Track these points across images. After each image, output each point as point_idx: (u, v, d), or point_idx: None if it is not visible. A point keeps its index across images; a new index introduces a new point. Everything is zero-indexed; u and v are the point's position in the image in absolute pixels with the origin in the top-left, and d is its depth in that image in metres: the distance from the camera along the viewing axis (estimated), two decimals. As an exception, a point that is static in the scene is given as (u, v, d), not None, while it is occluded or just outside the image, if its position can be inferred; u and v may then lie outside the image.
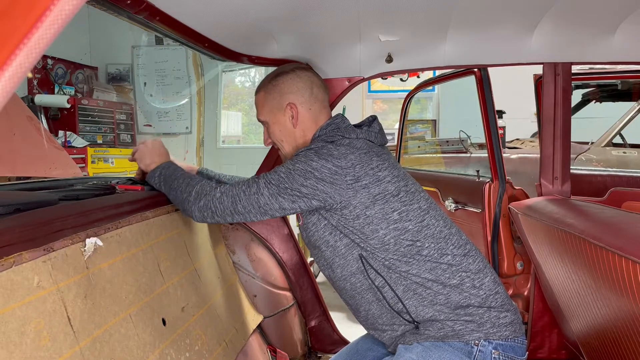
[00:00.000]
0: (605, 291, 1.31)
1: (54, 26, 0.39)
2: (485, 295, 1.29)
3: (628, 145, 4.06)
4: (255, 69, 6.47)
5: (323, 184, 1.27)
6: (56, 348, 0.89)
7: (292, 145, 1.48)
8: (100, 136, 5.30)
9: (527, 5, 1.54)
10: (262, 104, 1.49)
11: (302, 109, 1.44)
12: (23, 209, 1.01)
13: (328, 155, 1.28)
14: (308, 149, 1.32)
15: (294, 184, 1.28)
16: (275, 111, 1.46)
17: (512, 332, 1.28)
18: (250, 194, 1.31)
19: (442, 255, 1.30)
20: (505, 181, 2.21)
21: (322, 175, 1.27)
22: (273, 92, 1.47)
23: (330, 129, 1.41)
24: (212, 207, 1.35)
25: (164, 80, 6.02)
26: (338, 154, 1.29)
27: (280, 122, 1.46)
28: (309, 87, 1.46)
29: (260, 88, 1.51)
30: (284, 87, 1.45)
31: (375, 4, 1.41)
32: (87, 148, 4.94)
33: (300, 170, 1.28)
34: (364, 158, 1.31)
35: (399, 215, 1.30)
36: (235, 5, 1.35)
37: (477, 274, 1.31)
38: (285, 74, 1.47)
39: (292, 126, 1.45)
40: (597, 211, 1.52)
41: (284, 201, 1.29)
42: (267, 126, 1.50)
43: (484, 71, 2.21)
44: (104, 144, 5.32)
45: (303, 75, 1.47)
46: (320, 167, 1.27)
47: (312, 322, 2.18)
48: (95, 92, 5.76)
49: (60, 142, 4.71)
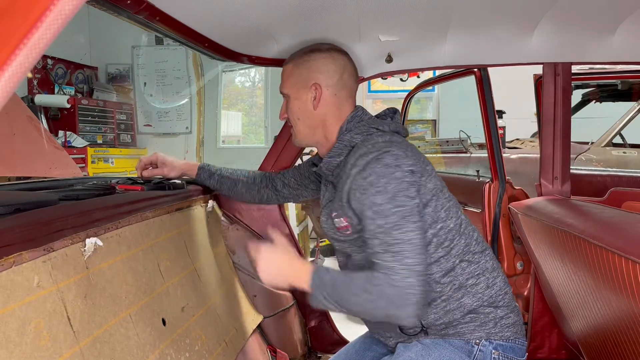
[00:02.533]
0: (605, 291, 1.31)
1: (54, 26, 0.39)
2: (495, 294, 1.27)
3: (628, 145, 4.06)
4: (255, 69, 6.47)
5: (413, 192, 1.19)
6: (56, 348, 0.89)
7: (307, 126, 1.40)
8: (100, 136, 5.31)
9: (527, 6, 1.54)
10: (288, 76, 1.41)
11: (326, 93, 1.36)
12: (23, 209, 1.01)
13: (395, 166, 1.19)
14: (370, 167, 1.19)
15: (407, 203, 1.17)
16: (299, 87, 1.38)
17: (514, 333, 1.27)
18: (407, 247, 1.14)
19: (466, 252, 1.27)
20: (505, 181, 2.22)
21: (411, 179, 1.19)
22: (302, 67, 1.38)
23: (355, 122, 1.35)
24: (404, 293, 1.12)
25: (164, 80, 6.03)
26: (402, 154, 1.21)
27: (302, 99, 1.38)
28: (340, 71, 1.38)
29: (290, 59, 1.42)
30: (314, 65, 1.37)
31: (375, 4, 1.41)
32: (87, 148, 4.94)
33: (395, 190, 1.17)
34: (414, 151, 1.27)
35: (445, 213, 1.26)
36: (235, 5, 1.35)
37: (492, 272, 1.29)
38: (320, 52, 1.39)
39: (312, 107, 1.37)
40: (597, 211, 1.52)
41: (418, 220, 1.17)
42: (287, 100, 1.42)
43: (484, 71, 2.21)
44: (104, 144, 5.33)
45: (338, 57, 1.39)
46: (400, 183, 1.18)
47: (312, 322, 2.18)
48: (95, 92, 5.76)
49: (60, 142, 4.71)
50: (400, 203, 1.16)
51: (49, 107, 4.96)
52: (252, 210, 2.06)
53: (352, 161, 1.25)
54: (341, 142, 1.33)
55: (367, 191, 1.19)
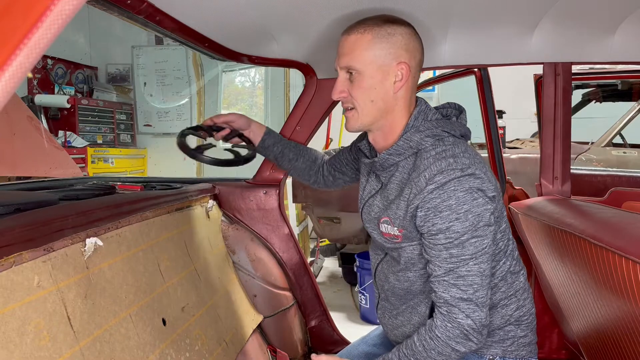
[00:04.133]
0: (605, 291, 1.31)
1: (54, 26, 0.39)
2: (522, 315, 1.25)
3: (628, 145, 4.07)
4: (255, 69, 6.47)
5: (495, 211, 1.13)
6: (56, 348, 0.89)
7: (379, 109, 1.19)
8: (100, 136, 5.31)
9: (527, 5, 1.54)
10: (364, 49, 1.16)
11: (410, 75, 1.18)
12: (23, 209, 1.01)
13: (479, 184, 1.10)
14: (451, 188, 1.09)
15: (486, 234, 1.10)
16: (380, 64, 1.16)
17: (528, 352, 1.25)
18: (477, 281, 1.09)
19: (506, 273, 1.22)
20: (505, 181, 2.22)
21: (491, 206, 1.12)
22: (387, 40, 1.15)
23: (421, 119, 1.20)
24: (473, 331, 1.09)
25: (164, 80, 6.03)
26: (484, 177, 1.12)
27: (382, 79, 1.17)
28: (421, 52, 1.21)
29: (364, 28, 1.17)
30: (401, 41, 1.16)
31: (375, 3, 1.41)
32: (87, 148, 4.95)
33: (476, 220, 1.09)
34: (487, 167, 1.16)
35: (500, 235, 1.18)
36: (236, 5, 1.35)
37: (523, 293, 1.26)
38: (403, 26, 1.18)
39: (392, 90, 1.17)
40: (597, 211, 1.52)
41: (492, 250, 1.13)
42: (356, 76, 1.18)
43: (484, 71, 2.21)
44: (104, 144, 5.33)
45: (418, 37, 1.20)
46: (484, 202, 1.10)
47: (312, 322, 2.18)
48: (95, 92, 5.76)
49: (60, 142, 4.72)
50: (481, 234, 1.09)
51: (49, 107, 4.96)
52: (252, 210, 2.06)
53: (428, 175, 1.11)
54: (407, 141, 1.18)
55: (444, 215, 1.08)
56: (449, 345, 1.10)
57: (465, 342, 1.10)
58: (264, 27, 1.58)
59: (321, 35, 1.62)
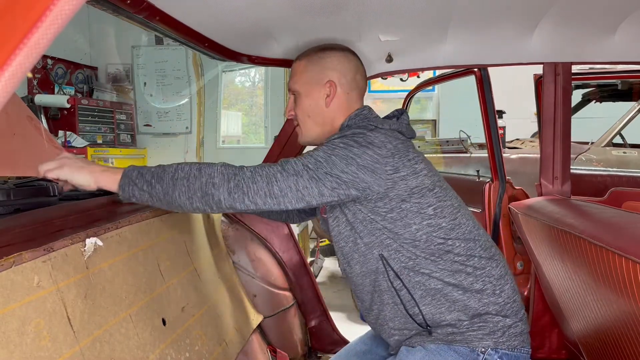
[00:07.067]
0: (605, 291, 1.31)
1: (54, 26, 0.39)
2: (504, 302, 1.25)
3: (628, 145, 4.06)
4: (255, 69, 6.47)
5: (364, 171, 1.18)
6: (56, 348, 0.89)
7: (317, 123, 1.40)
8: (100, 136, 5.31)
9: (527, 6, 1.54)
10: (301, 73, 1.40)
11: (340, 91, 1.37)
12: (23, 209, 1.01)
13: (368, 143, 1.20)
14: (343, 135, 1.23)
15: (334, 170, 1.17)
16: (313, 84, 1.38)
17: (520, 343, 1.25)
18: (287, 176, 1.16)
19: (469, 257, 1.25)
20: (505, 181, 2.22)
21: (364, 163, 1.18)
22: (317, 64, 1.39)
23: (359, 118, 1.35)
24: (244, 187, 1.15)
25: (164, 80, 6.03)
26: (378, 142, 1.21)
27: (314, 97, 1.38)
28: (354, 71, 1.40)
29: (303, 56, 1.42)
30: (329, 63, 1.38)
31: (375, 3, 1.41)
32: (87, 148, 4.95)
33: (340, 155, 1.18)
34: (402, 148, 1.24)
35: (433, 211, 1.24)
36: (235, 5, 1.35)
37: (499, 279, 1.27)
38: (335, 51, 1.41)
39: (324, 105, 1.37)
40: (597, 211, 1.52)
41: (324, 187, 1.17)
42: (297, 97, 1.41)
43: (484, 71, 2.21)
44: (104, 144, 5.33)
45: (352, 58, 1.41)
46: (362, 153, 1.18)
47: (312, 322, 2.18)
48: (95, 92, 5.77)
49: (60, 142, 4.72)
50: (330, 163, 1.17)
51: (49, 107, 4.96)
52: (252, 210, 2.06)
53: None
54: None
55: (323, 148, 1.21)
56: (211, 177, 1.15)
57: (224, 184, 1.14)
58: (264, 27, 1.58)
59: (321, 35, 1.62)
